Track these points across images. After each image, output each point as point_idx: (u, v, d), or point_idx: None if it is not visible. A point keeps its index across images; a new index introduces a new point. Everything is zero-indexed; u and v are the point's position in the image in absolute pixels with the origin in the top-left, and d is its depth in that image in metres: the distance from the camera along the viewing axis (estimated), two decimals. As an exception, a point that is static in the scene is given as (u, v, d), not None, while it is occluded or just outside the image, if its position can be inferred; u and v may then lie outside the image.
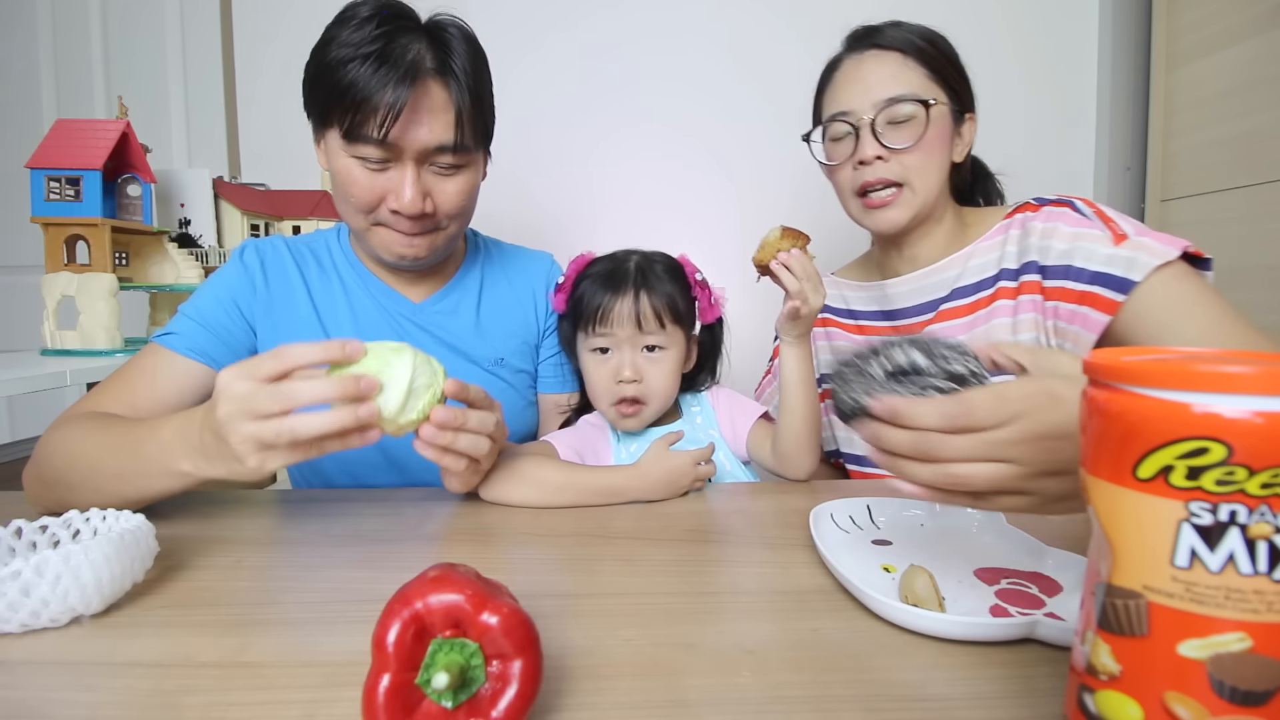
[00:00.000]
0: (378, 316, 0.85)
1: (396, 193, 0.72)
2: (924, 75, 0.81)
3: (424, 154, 0.72)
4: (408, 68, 0.68)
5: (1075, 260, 0.76)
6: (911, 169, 0.81)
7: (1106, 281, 0.73)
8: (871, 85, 0.81)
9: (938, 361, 0.46)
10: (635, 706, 0.35)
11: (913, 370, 0.46)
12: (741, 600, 0.47)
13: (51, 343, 1.22)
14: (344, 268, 0.86)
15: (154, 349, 0.76)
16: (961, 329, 0.84)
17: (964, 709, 0.34)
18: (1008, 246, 0.83)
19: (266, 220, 1.56)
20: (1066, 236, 0.77)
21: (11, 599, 0.40)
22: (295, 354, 0.51)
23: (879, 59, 0.82)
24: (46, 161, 1.20)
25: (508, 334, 0.90)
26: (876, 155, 0.81)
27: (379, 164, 0.71)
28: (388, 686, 0.29)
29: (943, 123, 0.81)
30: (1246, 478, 0.23)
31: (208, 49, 1.76)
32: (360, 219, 0.76)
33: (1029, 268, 0.80)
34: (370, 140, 0.68)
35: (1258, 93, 1.28)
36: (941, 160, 0.83)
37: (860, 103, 0.81)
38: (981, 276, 0.84)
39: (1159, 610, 0.25)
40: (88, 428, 0.64)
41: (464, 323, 0.88)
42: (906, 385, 0.45)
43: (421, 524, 0.62)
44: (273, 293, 0.82)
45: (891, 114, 0.79)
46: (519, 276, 0.94)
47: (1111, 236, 0.74)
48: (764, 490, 0.74)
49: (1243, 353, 0.29)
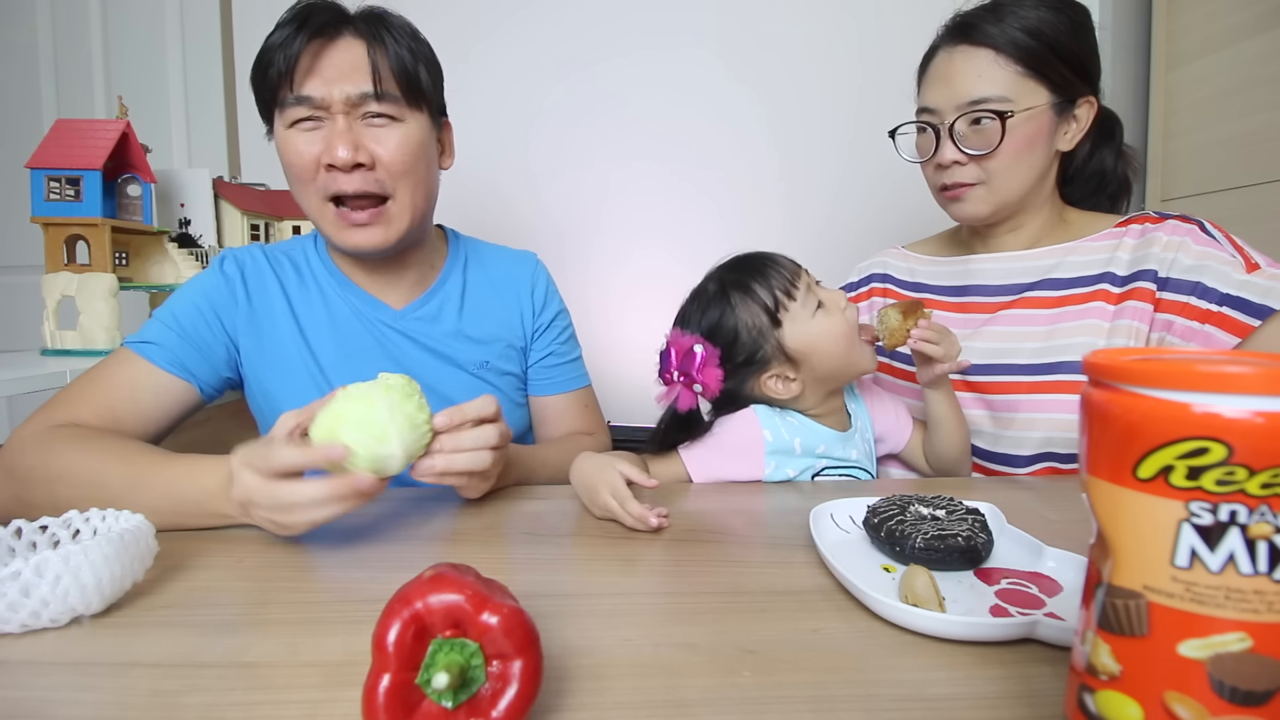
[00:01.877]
0: (357, 325, 0.83)
1: (329, 147, 0.72)
2: (1016, 73, 0.77)
3: (348, 104, 0.73)
4: (319, 26, 0.72)
5: (1205, 279, 0.74)
6: (993, 172, 0.79)
7: (1240, 305, 0.72)
8: (956, 86, 0.79)
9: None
10: (635, 706, 0.35)
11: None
12: (741, 600, 0.46)
13: (51, 343, 1.22)
14: (322, 275, 0.85)
15: (130, 357, 0.74)
16: (1044, 320, 0.82)
17: (964, 709, 0.34)
18: (1119, 252, 0.80)
19: (266, 220, 1.56)
20: (1195, 254, 0.75)
21: (11, 599, 0.40)
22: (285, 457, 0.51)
23: (968, 57, 0.79)
24: (46, 161, 1.20)
25: (492, 337, 0.89)
26: (954, 160, 0.80)
27: (311, 123, 0.73)
28: (388, 686, 0.29)
29: (1031, 124, 0.78)
30: (1247, 478, 0.23)
31: (208, 49, 1.76)
32: (312, 198, 0.75)
33: (1144, 275, 0.78)
34: (293, 101, 0.71)
35: (1258, 93, 1.28)
36: (1030, 160, 0.79)
37: (943, 102, 0.80)
38: (1080, 274, 0.82)
39: (1159, 610, 0.25)
40: (100, 455, 0.61)
41: (446, 328, 0.87)
42: None
43: (421, 524, 0.62)
44: (254, 305, 0.81)
45: (973, 117, 0.78)
46: (503, 278, 0.93)
47: (1244, 264, 0.73)
48: (764, 490, 0.74)
49: (1243, 353, 0.29)
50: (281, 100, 0.73)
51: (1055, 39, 0.76)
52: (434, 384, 0.83)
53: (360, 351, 0.82)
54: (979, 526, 0.52)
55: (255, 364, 0.81)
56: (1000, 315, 0.86)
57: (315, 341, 0.82)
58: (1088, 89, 0.79)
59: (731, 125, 1.68)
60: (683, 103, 1.68)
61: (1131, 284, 0.78)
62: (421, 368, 0.84)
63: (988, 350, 0.85)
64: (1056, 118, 0.79)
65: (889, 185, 1.59)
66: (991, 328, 0.86)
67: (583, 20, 1.67)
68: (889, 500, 0.57)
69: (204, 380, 0.77)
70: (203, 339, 0.77)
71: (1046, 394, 0.80)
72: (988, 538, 0.51)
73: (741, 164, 1.69)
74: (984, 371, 0.84)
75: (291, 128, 0.73)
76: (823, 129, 1.66)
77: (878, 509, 0.56)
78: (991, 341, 0.85)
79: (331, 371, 0.82)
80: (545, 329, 0.93)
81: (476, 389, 0.86)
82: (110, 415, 0.70)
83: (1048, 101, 0.78)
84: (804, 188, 1.68)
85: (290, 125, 0.73)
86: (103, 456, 0.61)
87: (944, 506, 0.55)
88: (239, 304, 0.80)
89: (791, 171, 1.68)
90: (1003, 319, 0.86)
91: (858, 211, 1.66)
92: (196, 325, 0.77)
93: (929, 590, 0.43)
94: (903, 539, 0.51)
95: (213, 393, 0.79)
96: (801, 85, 1.65)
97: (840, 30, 1.61)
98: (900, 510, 0.54)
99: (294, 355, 0.81)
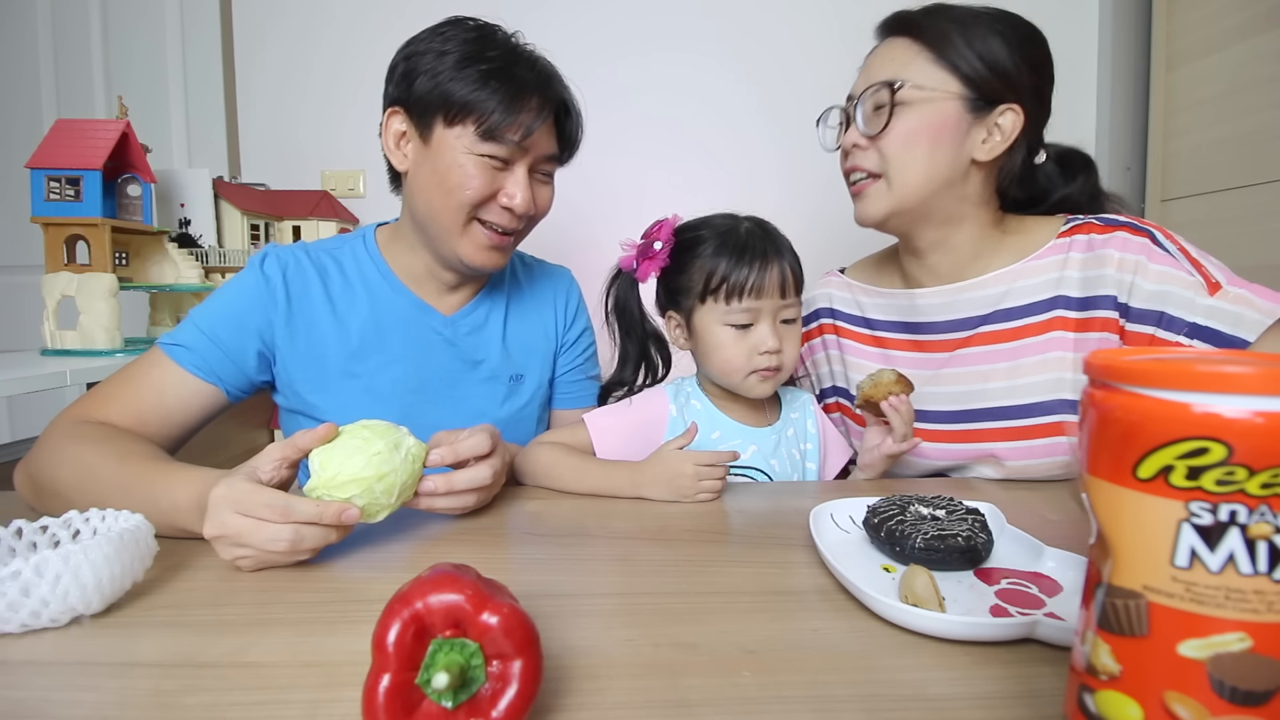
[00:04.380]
0: (403, 328, 0.84)
1: (509, 192, 0.77)
2: (930, 61, 0.73)
3: (537, 160, 0.79)
4: (541, 81, 0.77)
5: (1169, 307, 0.69)
6: (889, 159, 0.75)
7: (1211, 337, 0.67)
8: (872, 72, 0.77)
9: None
10: (635, 706, 0.35)
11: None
12: (741, 600, 0.46)
13: (51, 343, 1.22)
14: (373, 277, 0.85)
15: (161, 359, 0.75)
16: (1004, 355, 0.78)
17: (964, 709, 0.34)
18: (1067, 270, 0.75)
19: (266, 220, 1.56)
20: (1154, 276, 0.70)
21: (11, 599, 0.40)
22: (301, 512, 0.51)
23: (890, 45, 0.77)
24: (46, 161, 1.20)
25: (529, 350, 0.91)
26: (854, 143, 0.78)
27: (501, 163, 0.76)
28: (388, 686, 0.29)
29: (928, 109, 0.73)
30: (1246, 478, 0.23)
31: (208, 49, 1.76)
32: (459, 215, 0.77)
33: (1102, 302, 0.73)
34: (508, 142, 0.74)
35: (1258, 93, 1.28)
36: (933, 154, 0.74)
37: (857, 89, 0.78)
38: (1032, 299, 0.77)
39: (1159, 610, 0.25)
40: (103, 452, 0.63)
41: (490, 339, 0.89)
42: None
43: (422, 524, 0.62)
44: (293, 305, 0.80)
45: (876, 100, 0.75)
46: (543, 292, 0.95)
47: (1204, 284, 0.68)
48: (764, 490, 0.74)
49: (1243, 353, 0.29)
50: (494, 133, 0.74)
51: (982, 40, 0.73)
52: (468, 392, 0.86)
53: (402, 356, 0.83)
54: (979, 526, 0.52)
55: (289, 364, 0.81)
56: (958, 355, 0.81)
57: (357, 340, 0.82)
58: (1011, 96, 0.73)
59: (729, 125, 1.68)
60: (681, 104, 1.69)
61: (1090, 310, 0.74)
62: (458, 376, 0.86)
63: (954, 395, 0.81)
64: (968, 115, 0.73)
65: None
66: (951, 369, 0.82)
67: (583, 27, 1.68)
68: (889, 500, 0.57)
69: (231, 384, 0.78)
70: (235, 345, 0.77)
71: (1019, 441, 0.76)
72: (988, 538, 0.51)
73: (740, 164, 1.70)
74: (955, 419, 0.81)
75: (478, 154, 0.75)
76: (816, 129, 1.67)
77: (878, 509, 0.56)
78: (955, 385, 0.81)
79: (367, 372, 0.82)
80: (572, 344, 0.95)
81: (507, 403, 0.89)
82: (135, 415, 0.71)
83: (954, 92, 0.73)
84: (799, 186, 1.68)
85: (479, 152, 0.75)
86: (103, 456, 0.62)
87: (944, 506, 0.55)
88: (277, 304, 0.80)
89: (786, 170, 1.69)
90: (961, 358, 0.81)
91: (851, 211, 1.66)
92: (231, 331, 0.77)
93: (929, 590, 0.43)
94: (903, 539, 0.51)
95: (239, 395, 0.79)
96: (796, 86, 1.66)
97: (834, 31, 1.61)
98: (900, 510, 0.54)
99: (332, 353, 0.81)
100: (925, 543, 0.50)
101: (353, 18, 1.69)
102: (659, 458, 0.70)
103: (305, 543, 0.50)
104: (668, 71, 1.70)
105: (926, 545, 0.49)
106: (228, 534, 0.50)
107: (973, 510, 0.55)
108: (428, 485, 0.58)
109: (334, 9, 1.69)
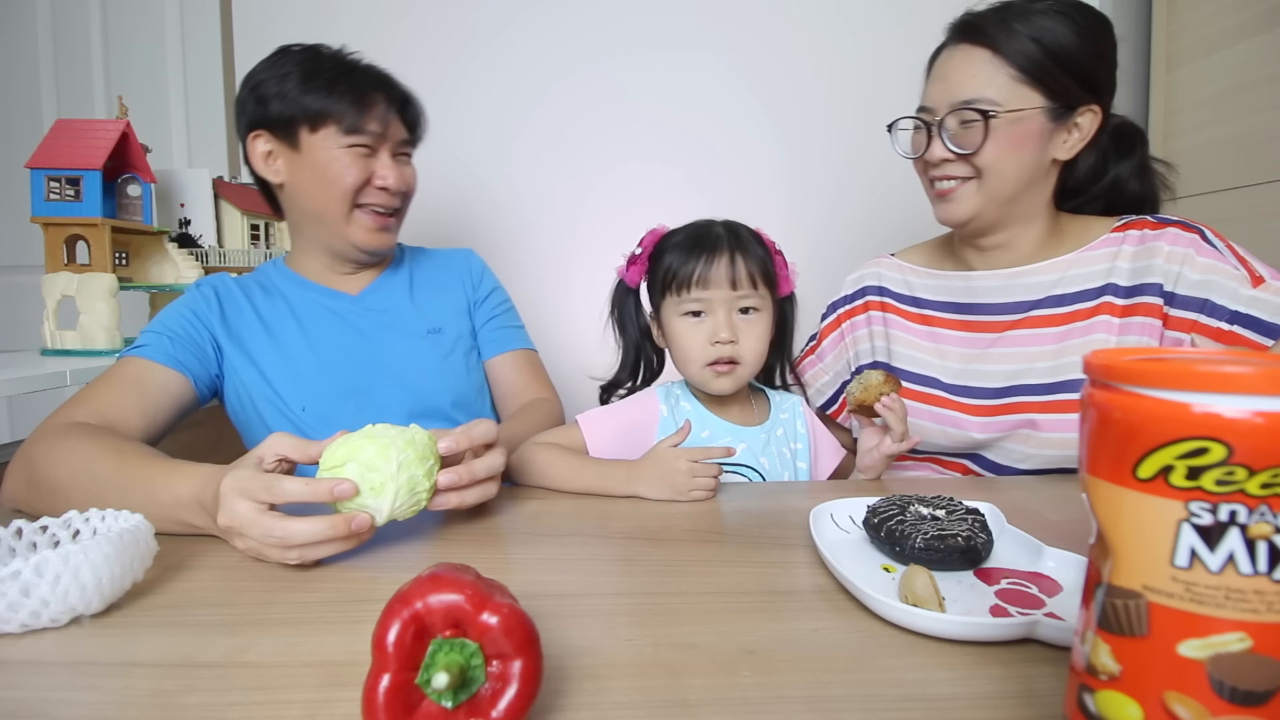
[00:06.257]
0: (322, 315, 0.93)
1: (381, 174, 0.89)
2: (1011, 76, 0.76)
3: (395, 145, 0.91)
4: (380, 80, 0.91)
5: (1213, 295, 0.73)
6: (981, 169, 0.79)
7: (1251, 324, 0.71)
8: (951, 84, 0.79)
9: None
10: (635, 706, 0.35)
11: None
12: (741, 600, 0.46)
13: (51, 343, 1.22)
14: (286, 286, 0.95)
15: (129, 360, 0.80)
16: (1052, 339, 0.82)
17: (964, 709, 0.34)
18: (1119, 261, 0.79)
19: (266, 220, 1.56)
20: (1200, 268, 0.74)
21: (11, 599, 0.40)
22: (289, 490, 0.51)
23: (966, 56, 0.79)
24: (46, 161, 1.20)
25: (440, 307, 1.00)
26: (942, 157, 0.80)
27: (368, 149, 0.88)
28: (388, 686, 0.29)
29: (1019, 127, 0.76)
30: (1246, 478, 0.23)
31: (208, 49, 1.76)
32: (343, 204, 0.88)
33: (1149, 289, 0.77)
34: (369, 132, 0.87)
35: (1258, 93, 1.28)
36: (1019, 160, 0.78)
37: (938, 100, 0.80)
38: (1084, 287, 0.81)
39: (1159, 610, 0.25)
40: (100, 448, 0.63)
41: (399, 302, 0.98)
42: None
43: (422, 524, 0.62)
44: (228, 319, 0.90)
45: (962, 116, 0.78)
46: (444, 263, 1.05)
47: (1249, 277, 0.72)
48: (764, 490, 0.74)
49: (1243, 353, 0.29)
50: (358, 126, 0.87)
51: (1058, 46, 0.75)
52: (390, 351, 0.93)
53: (325, 335, 0.92)
54: (979, 526, 0.52)
55: (233, 370, 0.89)
56: (1007, 335, 0.85)
57: (285, 340, 0.90)
58: (1091, 98, 0.77)
59: (731, 125, 1.68)
60: (682, 103, 1.68)
61: (1136, 297, 0.78)
62: (381, 339, 0.94)
63: (1000, 373, 0.84)
64: (1051, 124, 0.77)
65: (887, 186, 1.59)
66: (999, 349, 0.85)
67: (582, 24, 1.67)
68: (889, 500, 0.57)
69: (198, 375, 0.84)
70: (191, 339, 0.85)
71: (1057, 413, 0.79)
72: (988, 538, 0.51)
73: (743, 164, 1.69)
74: (999, 394, 0.83)
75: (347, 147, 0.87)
76: (822, 130, 1.66)
77: (878, 509, 0.56)
78: (1002, 364, 0.84)
79: (301, 362, 0.89)
80: (484, 300, 1.04)
81: (430, 354, 0.96)
82: (114, 412, 0.73)
83: (1041, 106, 0.76)
84: (804, 188, 1.68)
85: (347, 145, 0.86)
86: (100, 452, 0.63)
87: (944, 506, 0.55)
88: (215, 317, 0.89)
89: (791, 172, 1.68)
90: (1010, 339, 0.85)
91: (857, 211, 1.66)
92: (185, 328, 0.85)
93: (929, 590, 0.43)
94: (903, 539, 0.51)
95: (206, 392, 0.86)
96: (801, 86, 1.65)
97: (838, 31, 1.61)
98: (900, 510, 0.54)
99: (267, 358, 0.89)
100: (925, 543, 0.50)
101: (353, 19, 1.69)
102: (653, 455, 0.71)
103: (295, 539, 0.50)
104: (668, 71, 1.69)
105: (926, 545, 0.49)
106: (239, 527, 0.50)
107: (973, 510, 0.55)
108: (449, 478, 0.57)
109: (334, 10, 1.68)
